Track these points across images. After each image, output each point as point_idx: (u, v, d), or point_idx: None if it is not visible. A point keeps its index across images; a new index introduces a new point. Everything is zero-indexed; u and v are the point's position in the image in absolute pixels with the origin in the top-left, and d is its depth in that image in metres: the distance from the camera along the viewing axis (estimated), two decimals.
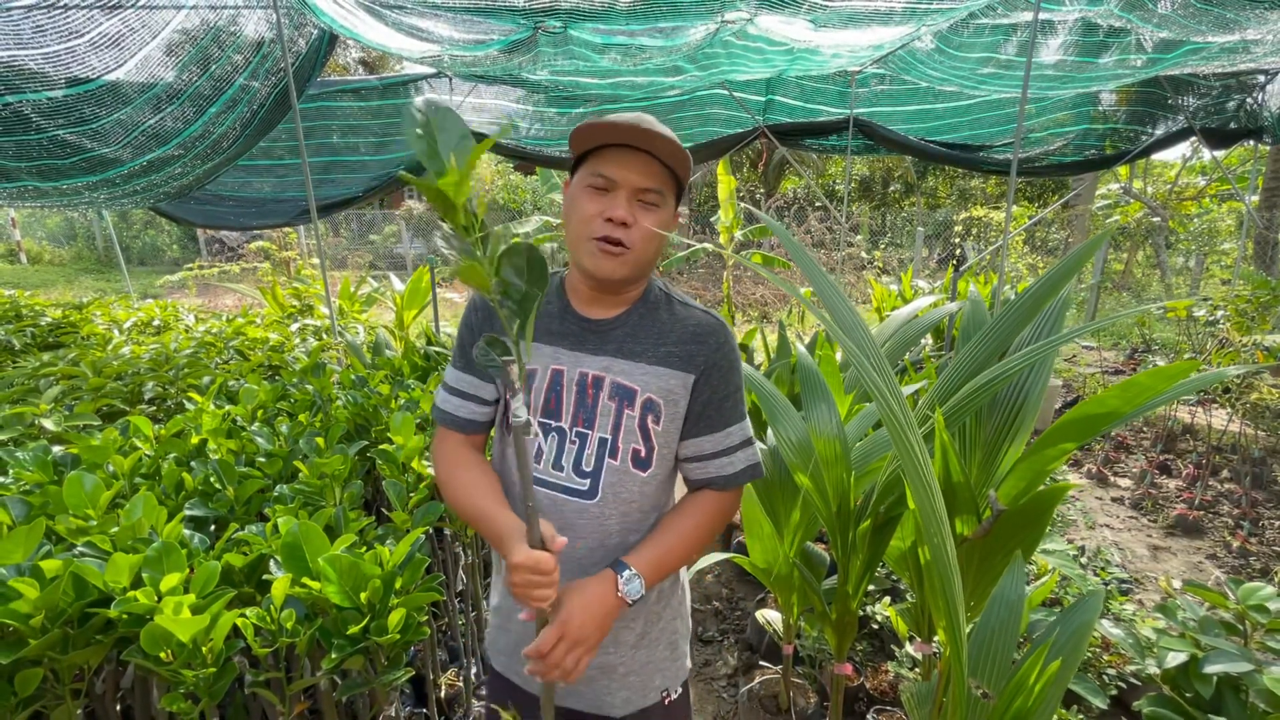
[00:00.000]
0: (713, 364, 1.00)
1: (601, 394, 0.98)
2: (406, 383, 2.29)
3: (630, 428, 0.98)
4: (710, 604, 2.70)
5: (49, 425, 1.83)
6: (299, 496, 1.51)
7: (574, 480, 0.99)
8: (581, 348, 1.01)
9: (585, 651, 0.86)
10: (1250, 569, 3.00)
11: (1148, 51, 4.01)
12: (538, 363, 1.02)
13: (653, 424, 0.99)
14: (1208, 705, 1.16)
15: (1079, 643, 0.95)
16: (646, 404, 0.98)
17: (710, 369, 1.00)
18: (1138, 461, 4.36)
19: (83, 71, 2.76)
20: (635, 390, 0.98)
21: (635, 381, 0.98)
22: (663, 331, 1.01)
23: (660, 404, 0.98)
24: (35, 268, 15.41)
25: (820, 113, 5.46)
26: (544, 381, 1.01)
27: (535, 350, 1.03)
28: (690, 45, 3.42)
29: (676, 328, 1.01)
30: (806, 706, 1.88)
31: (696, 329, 1.01)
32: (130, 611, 1.05)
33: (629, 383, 0.98)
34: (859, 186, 16.53)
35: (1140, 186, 10.04)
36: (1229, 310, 4.23)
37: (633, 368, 0.99)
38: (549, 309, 1.06)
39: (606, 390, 0.98)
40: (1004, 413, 1.24)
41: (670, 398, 0.99)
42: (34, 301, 4.07)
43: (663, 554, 0.95)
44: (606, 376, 0.99)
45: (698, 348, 1.00)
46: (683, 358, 0.99)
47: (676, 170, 0.96)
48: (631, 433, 0.98)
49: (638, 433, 0.98)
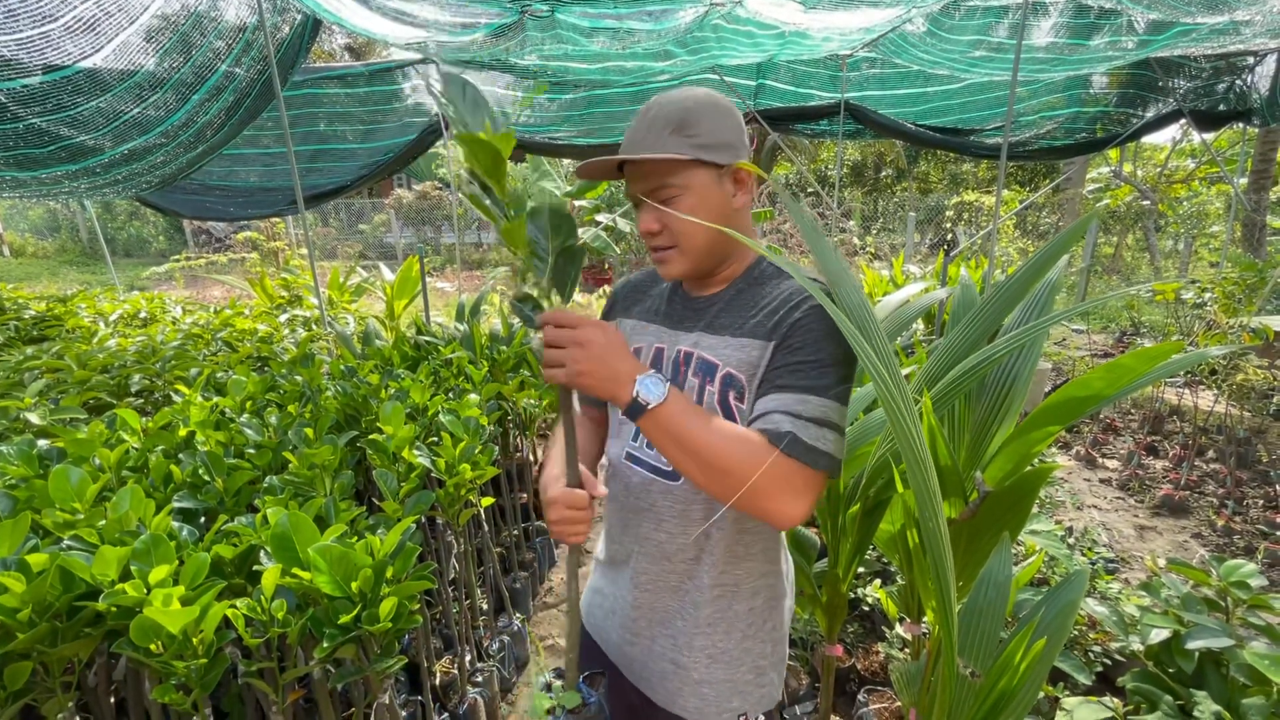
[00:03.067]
0: (796, 326, 0.88)
1: (688, 370, 0.95)
2: (396, 372, 2.28)
3: (711, 404, 0.92)
4: None
5: (34, 419, 1.81)
6: (289, 487, 1.50)
7: (660, 460, 0.96)
8: (680, 326, 1.00)
9: (574, 361, 0.79)
10: (1234, 547, 3.06)
11: (1139, 33, 4.00)
12: (642, 341, 1.02)
13: (735, 401, 0.92)
14: (1189, 680, 1.18)
15: (1064, 621, 0.96)
16: (726, 379, 0.92)
17: (791, 332, 0.88)
18: (1125, 443, 4.41)
19: (58, 58, 2.69)
20: (716, 365, 0.93)
21: (718, 356, 0.93)
22: (756, 304, 0.94)
23: (743, 380, 0.91)
24: (18, 260, 15.19)
25: (812, 97, 5.42)
26: (647, 360, 1.00)
27: (641, 330, 1.04)
28: (679, 28, 3.38)
29: (771, 299, 0.93)
30: (799, 688, 1.90)
31: (789, 295, 0.91)
32: (119, 604, 1.04)
33: (711, 357, 0.94)
34: (851, 172, 16.49)
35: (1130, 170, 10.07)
36: (1216, 293, 4.26)
37: (718, 342, 0.94)
38: (659, 290, 1.07)
39: (692, 366, 0.95)
40: (993, 395, 1.24)
41: (752, 371, 0.91)
42: (17, 295, 4.02)
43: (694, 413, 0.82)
44: (695, 352, 0.95)
45: (785, 313, 0.90)
46: (768, 326, 0.91)
47: (679, 152, 0.88)
48: (712, 409, 0.92)
49: (718, 410, 0.92)
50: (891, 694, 1.83)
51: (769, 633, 1.02)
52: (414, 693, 1.87)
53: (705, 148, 0.88)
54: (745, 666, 1.00)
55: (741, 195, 0.93)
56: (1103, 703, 1.32)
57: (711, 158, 0.89)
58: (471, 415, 1.91)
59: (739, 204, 0.94)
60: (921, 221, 14.30)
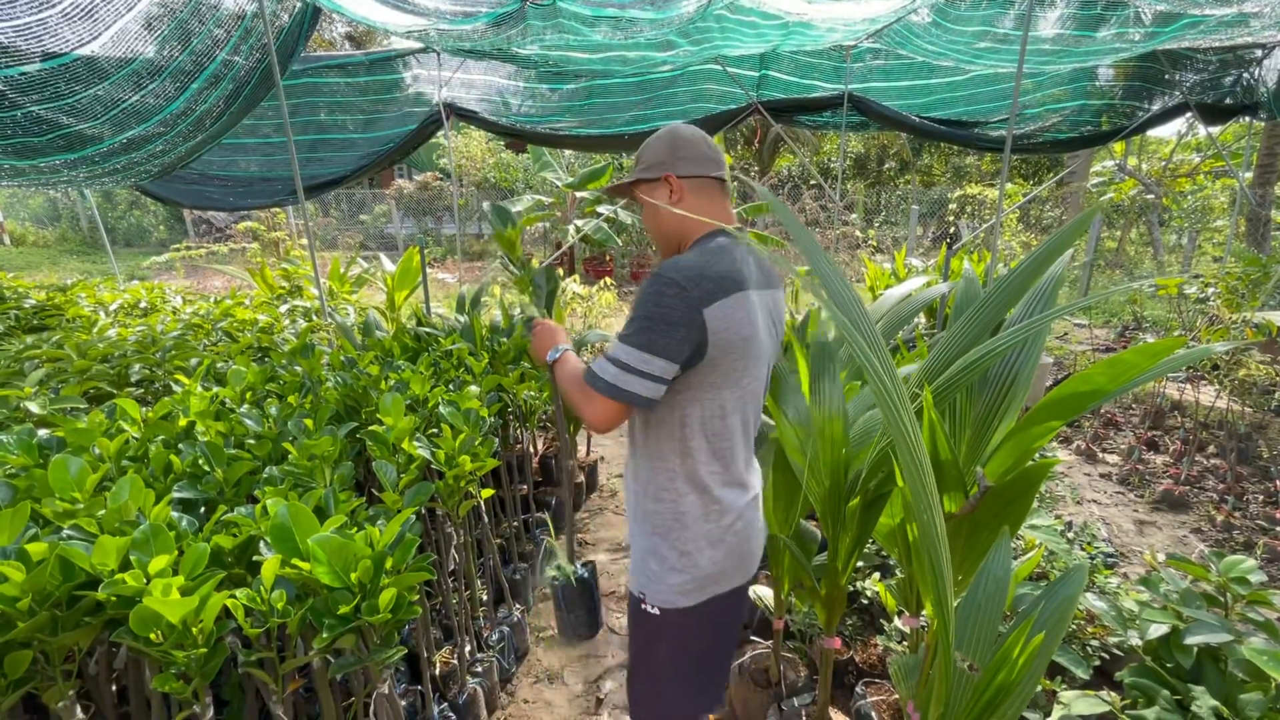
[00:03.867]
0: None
1: None
2: (397, 364, 2.28)
3: None
4: None
5: (34, 408, 1.81)
6: (289, 478, 1.50)
7: None
8: None
9: (535, 340, 1.40)
10: (1234, 542, 3.06)
11: (1146, 25, 3.96)
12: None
13: None
14: (1188, 675, 1.18)
15: (1063, 616, 0.96)
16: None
17: None
18: (1126, 438, 4.41)
19: (56, 45, 2.67)
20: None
21: None
22: None
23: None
24: (19, 249, 15.17)
25: (815, 88, 5.38)
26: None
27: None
28: (682, 18, 3.35)
29: None
30: (797, 680, 1.91)
31: None
32: (119, 593, 1.05)
33: None
34: (854, 164, 16.41)
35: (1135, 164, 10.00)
36: (1220, 287, 4.25)
37: None
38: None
39: None
40: (994, 390, 1.24)
41: None
42: (17, 284, 4.01)
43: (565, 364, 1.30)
44: None
45: None
46: None
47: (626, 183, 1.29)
48: None
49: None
50: (889, 687, 1.84)
51: (671, 542, 1.22)
52: (414, 682, 1.88)
53: (642, 169, 1.25)
54: (640, 546, 1.28)
55: (674, 195, 1.22)
56: (1100, 697, 1.32)
57: (646, 175, 1.24)
58: (471, 407, 1.91)
59: (675, 201, 1.22)
60: (924, 215, 14.24)
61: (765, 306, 1.22)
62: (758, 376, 1.22)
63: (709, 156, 1.23)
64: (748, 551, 1.28)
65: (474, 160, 14.12)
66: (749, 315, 1.14)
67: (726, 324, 1.10)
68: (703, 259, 1.13)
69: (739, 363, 1.15)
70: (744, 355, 1.15)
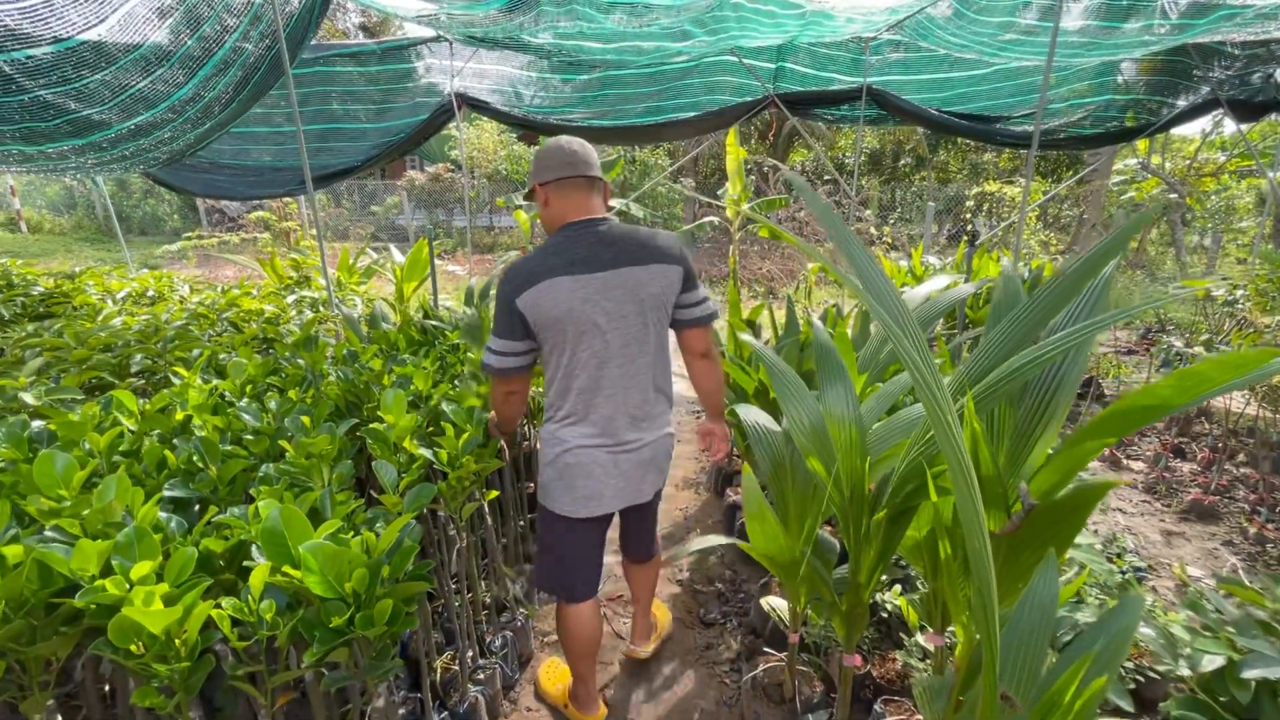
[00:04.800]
0: None
1: None
2: (401, 358, 2.21)
3: None
4: (713, 585, 2.65)
5: (29, 399, 1.75)
6: (285, 477, 1.43)
7: None
8: None
9: None
10: (1268, 556, 2.94)
11: (1178, 17, 3.81)
12: None
13: None
14: (1243, 711, 1.09)
15: (1118, 651, 0.87)
16: None
17: None
18: (1151, 444, 4.27)
19: (63, 28, 2.62)
20: None
21: None
22: None
23: None
24: (35, 237, 15.30)
25: (833, 81, 5.25)
26: None
27: None
28: (699, 6, 3.25)
29: None
30: (811, 695, 1.83)
31: None
32: (98, 601, 0.98)
33: None
34: (869, 160, 16.19)
35: (1158, 162, 9.78)
36: (1249, 290, 4.10)
37: None
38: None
39: None
40: (1036, 399, 1.15)
41: None
42: (26, 270, 3.99)
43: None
44: None
45: None
46: None
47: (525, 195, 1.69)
48: None
49: None
50: (910, 706, 1.75)
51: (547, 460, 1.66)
52: (413, 689, 1.81)
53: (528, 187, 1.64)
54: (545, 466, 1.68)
55: (542, 201, 1.58)
56: None
57: (530, 184, 1.61)
58: (475, 405, 1.83)
59: (543, 205, 1.58)
60: (940, 212, 14.03)
61: (596, 286, 1.46)
62: (595, 344, 1.50)
63: (565, 161, 1.52)
64: (582, 485, 1.61)
65: (485, 152, 14.05)
66: (558, 297, 1.45)
67: (535, 307, 1.46)
68: (533, 256, 1.50)
69: (559, 335, 1.49)
70: (560, 330, 1.48)
